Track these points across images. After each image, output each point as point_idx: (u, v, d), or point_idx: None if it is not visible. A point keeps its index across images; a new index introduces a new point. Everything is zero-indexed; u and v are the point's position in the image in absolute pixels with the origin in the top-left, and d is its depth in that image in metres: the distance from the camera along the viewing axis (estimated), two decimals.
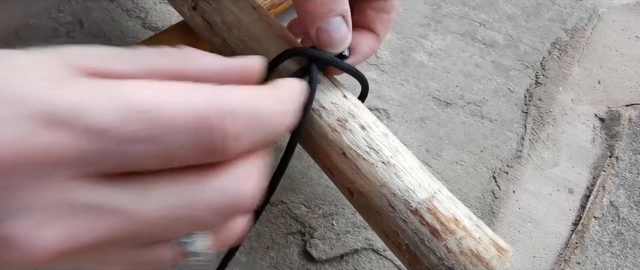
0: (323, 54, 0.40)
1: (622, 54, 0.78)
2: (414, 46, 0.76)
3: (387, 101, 0.69)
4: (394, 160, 0.39)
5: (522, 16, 0.81)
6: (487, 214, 0.61)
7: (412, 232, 0.37)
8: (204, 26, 0.52)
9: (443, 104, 0.70)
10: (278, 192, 0.60)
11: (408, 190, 0.38)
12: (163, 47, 0.26)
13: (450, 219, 0.37)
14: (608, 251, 0.58)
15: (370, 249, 0.57)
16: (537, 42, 0.78)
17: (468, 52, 0.76)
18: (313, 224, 0.58)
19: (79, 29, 0.75)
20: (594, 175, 0.65)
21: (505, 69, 0.74)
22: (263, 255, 0.56)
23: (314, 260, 0.55)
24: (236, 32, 0.48)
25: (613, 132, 0.68)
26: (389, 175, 0.39)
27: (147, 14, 0.78)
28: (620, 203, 0.61)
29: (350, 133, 0.41)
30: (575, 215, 0.61)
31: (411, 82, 0.72)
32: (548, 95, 0.72)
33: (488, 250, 0.35)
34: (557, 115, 0.70)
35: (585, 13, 0.83)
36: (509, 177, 0.64)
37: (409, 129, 0.67)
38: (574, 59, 0.77)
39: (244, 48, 0.47)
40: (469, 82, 0.72)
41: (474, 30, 0.79)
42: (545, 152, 0.67)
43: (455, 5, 0.82)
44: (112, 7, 0.78)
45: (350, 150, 0.40)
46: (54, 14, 0.77)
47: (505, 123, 0.69)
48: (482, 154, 0.66)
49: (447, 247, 0.36)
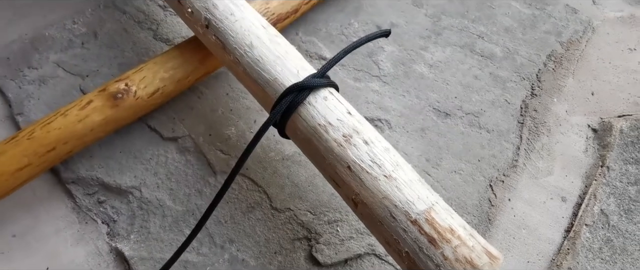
0: (308, 81, 0.47)
1: (616, 65, 0.81)
2: (415, 58, 0.79)
3: (389, 112, 0.72)
4: (395, 174, 0.42)
5: (519, 29, 0.84)
6: (483, 221, 0.64)
7: (411, 241, 0.40)
8: (217, 44, 0.55)
9: (442, 114, 0.73)
10: (285, 199, 0.63)
11: (408, 202, 0.41)
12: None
13: (446, 228, 0.40)
14: (598, 257, 0.61)
15: (372, 254, 0.60)
16: (533, 54, 0.81)
17: (467, 64, 0.79)
18: (318, 230, 0.61)
19: (93, 40, 0.78)
20: (586, 184, 0.68)
21: (502, 81, 0.77)
22: (271, 260, 0.59)
23: (320, 264, 0.58)
24: (248, 52, 0.51)
25: (605, 142, 0.71)
26: (391, 188, 0.42)
27: (158, 26, 0.81)
28: (611, 211, 0.64)
29: (355, 148, 0.44)
30: (567, 223, 0.64)
31: (412, 93, 0.75)
32: (543, 107, 0.75)
33: (480, 258, 0.38)
34: (552, 126, 0.73)
35: (580, 26, 0.86)
36: (505, 185, 0.67)
37: (410, 139, 0.70)
38: (568, 71, 0.80)
39: (256, 68, 0.50)
40: (467, 93, 0.75)
41: (473, 42, 0.82)
42: (539, 161, 0.70)
43: (455, 18, 0.85)
44: (125, 18, 0.81)
45: (354, 164, 0.43)
46: (68, 25, 0.80)
47: (501, 133, 0.72)
48: (480, 163, 0.69)
49: (443, 254, 0.39)
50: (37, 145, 0.55)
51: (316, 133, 0.46)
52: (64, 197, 0.64)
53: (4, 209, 0.62)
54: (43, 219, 0.62)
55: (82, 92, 0.72)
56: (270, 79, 0.49)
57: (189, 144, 0.68)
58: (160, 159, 0.66)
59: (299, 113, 0.47)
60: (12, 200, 0.62)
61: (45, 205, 0.63)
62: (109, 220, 0.62)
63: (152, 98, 0.62)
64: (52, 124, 0.56)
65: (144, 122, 0.69)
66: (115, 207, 0.63)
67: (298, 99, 0.46)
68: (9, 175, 0.54)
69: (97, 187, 0.64)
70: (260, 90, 0.51)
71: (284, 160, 0.66)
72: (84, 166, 0.65)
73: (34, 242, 0.61)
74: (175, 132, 0.69)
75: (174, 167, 0.66)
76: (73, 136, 0.57)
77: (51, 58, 0.75)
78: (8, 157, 0.54)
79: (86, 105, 0.58)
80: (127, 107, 0.60)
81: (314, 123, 0.46)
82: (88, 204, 0.63)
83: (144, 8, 0.83)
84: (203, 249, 0.60)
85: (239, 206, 0.63)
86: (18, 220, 0.62)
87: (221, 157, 0.67)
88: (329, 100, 0.47)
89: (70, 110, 0.58)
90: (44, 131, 0.56)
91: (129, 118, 0.62)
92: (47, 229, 0.62)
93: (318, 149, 0.46)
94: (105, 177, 0.64)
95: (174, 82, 0.63)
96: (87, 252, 0.60)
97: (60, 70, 0.74)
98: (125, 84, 0.61)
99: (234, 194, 0.64)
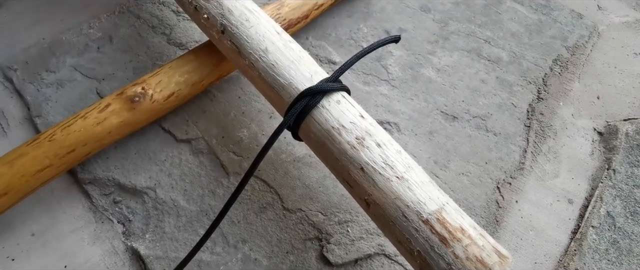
0: (322, 85, 0.48)
1: (621, 70, 0.82)
2: (423, 62, 0.80)
3: (398, 115, 0.74)
4: (407, 175, 0.44)
5: (526, 34, 0.86)
6: (491, 223, 0.65)
7: (423, 240, 0.42)
8: (232, 49, 0.56)
9: (450, 117, 0.74)
10: (297, 200, 0.65)
11: (420, 203, 0.42)
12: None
13: (457, 228, 0.41)
14: (604, 258, 0.62)
15: (382, 254, 0.61)
16: (539, 59, 0.82)
17: (474, 68, 0.80)
18: (329, 231, 0.62)
19: (109, 45, 0.80)
20: (592, 186, 0.69)
21: (509, 85, 0.79)
22: (283, 259, 0.60)
23: (331, 264, 0.60)
24: (263, 57, 0.53)
25: (611, 145, 0.72)
26: (403, 189, 0.43)
27: (171, 31, 0.83)
28: (617, 213, 0.65)
29: (368, 150, 0.45)
30: (574, 224, 0.65)
31: (420, 97, 0.76)
32: (549, 110, 0.76)
33: (491, 257, 0.40)
34: (558, 129, 0.74)
35: (585, 31, 0.87)
36: (512, 187, 0.68)
37: (419, 142, 0.72)
38: (574, 75, 0.81)
39: (271, 72, 0.52)
40: (474, 97, 0.77)
41: (480, 47, 0.83)
42: (546, 164, 0.71)
43: (462, 23, 0.86)
44: (139, 23, 0.84)
45: (367, 166, 0.45)
46: (85, 30, 0.83)
47: (508, 136, 0.73)
48: (487, 165, 0.70)
49: (454, 253, 0.40)
50: (57, 147, 0.57)
51: (330, 136, 0.47)
52: (81, 197, 0.66)
53: (24, 208, 0.63)
54: (61, 218, 0.64)
55: (99, 95, 0.73)
56: (285, 83, 0.51)
57: (202, 146, 0.69)
58: (175, 160, 0.68)
59: (313, 116, 0.49)
60: (31, 200, 0.64)
61: (63, 205, 0.65)
62: (125, 220, 0.64)
63: (167, 101, 0.64)
64: (72, 127, 0.58)
65: (159, 124, 0.71)
66: (131, 207, 0.65)
67: (312, 102, 0.48)
68: (30, 176, 0.56)
69: (113, 188, 0.66)
70: (274, 93, 0.52)
71: (295, 161, 0.68)
72: (100, 167, 0.67)
73: (52, 241, 0.62)
74: (188, 134, 0.70)
75: (188, 168, 0.67)
76: (92, 138, 0.59)
77: (68, 62, 0.77)
78: (30, 159, 0.56)
79: (105, 108, 0.60)
80: (144, 110, 0.62)
81: (328, 126, 0.48)
82: (104, 204, 0.65)
83: (158, 13, 0.85)
84: (217, 249, 0.61)
85: (252, 207, 0.64)
86: (37, 220, 0.63)
87: (234, 158, 0.68)
88: (342, 104, 0.49)
89: (90, 113, 0.60)
90: (64, 133, 0.58)
91: (145, 121, 0.64)
92: (64, 228, 0.63)
93: (331, 151, 0.47)
94: (121, 177, 0.66)
95: (188, 85, 0.65)
96: (104, 251, 0.62)
97: (77, 73, 0.76)
98: (142, 88, 0.62)
99: (246, 195, 0.65)
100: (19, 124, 0.72)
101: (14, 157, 0.56)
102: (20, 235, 0.62)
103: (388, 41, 0.55)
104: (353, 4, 0.87)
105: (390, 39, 0.55)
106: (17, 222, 0.63)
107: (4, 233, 0.62)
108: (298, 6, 0.73)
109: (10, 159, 0.56)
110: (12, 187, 0.55)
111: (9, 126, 0.72)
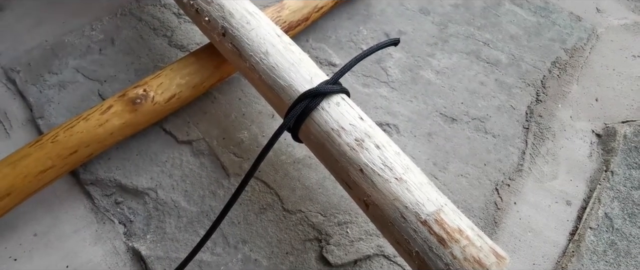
0: (322, 88, 0.49)
1: (619, 72, 0.83)
2: (422, 65, 0.81)
3: (397, 117, 0.74)
4: (405, 176, 0.44)
5: (524, 36, 0.86)
6: (490, 224, 0.66)
7: (421, 241, 0.42)
8: (233, 51, 0.57)
9: (449, 119, 0.75)
10: (297, 201, 0.65)
11: (418, 204, 0.43)
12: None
13: (455, 229, 0.42)
14: (602, 259, 0.62)
15: (381, 255, 0.61)
16: (538, 61, 0.83)
17: (473, 70, 0.81)
18: (329, 232, 0.63)
19: (111, 47, 0.81)
20: (590, 188, 0.69)
21: (507, 87, 0.79)
22: (283, 260, 0.61)
23: (330, 265, 0.60)
24: (264, 59, 0.53)
25: (609, 147, 0.72)
26: (402, 190, 0.44)
27: (172, 33, 0.83)
28: (615, 215, 0.66)
29: (367, 152, 0.46)
30: (572, 226, 0.66)
31: (419, 99, 0.77)
32: (548, 112, 0.77)
33: (488, 258, 0.40)
34: (557, 131, 0.75)
35: (584, 33, 0.88)
36: (510, 189, 0.69)
37: (418, 143, 0.72)
38: (573, 77, 0.81)
39: (271, 75, 0.52)
40: (473, 99, 0.77)
41: (479, 49, 0.84)
42: (545, 166, 0.71)
43: (461, 26, 0.87)
44: (140, 26, 0.84)
45: (366, 167, 0.45)
46: (87, 32, 0.83)
47: (507, 138, 0.73)
48: (486, 167, 0.70)
49: (452, 254, 0.41)
50: (60, 148, 0.58)
51: (329, 137, 0.48)
52: (82, 198, 0.66)
53: (27, 209, 0.64)
54: (63, 219, 0.65)
55: (101, 97, 0.74)
56: (285, 85, 0.51)
57: (203, 147, 0.70)
58: (176, 161, 0.69)
59: (313, 118, 0.49)
60: (34, 200, 0.64)
61: (65, 205, 0.66)
62: (126, 220, 0.64)
63: (168, 103, 0.65)
64: (74, 128, 0.59)
65: (160, 126, 0.72)
66: (132, 207, 0.65)
67: (312, 104, 0.48)
68: (33, 177, 0.57)
69: (115, 189, 0.66)
70: (275, 95, 0.53)
71: (294, 163, 0.68)
72: (102, 168, 0.67)
73: (54, 241, 0.63)
74: (189, 135, 0.71)
75: (189, 169, 0.68)
76: (94, 139, 0.60)
77: (70, 64, 0.78)
78: (33, 160, 0.57)
79: (107, 110, 0.61)
80: (145, 112, 0.63)
81: (327, 128, 0.48)
82: (106, 204, 0.65)
83: (159, 15, 0.85)
84: (217, 249, 0.62)
85: (252, 208, 0.65)
86: (39, 220, 0.64)
87: (234, 160, 0.69)
88: (342, 106, 0.49)
89: (92, 115, 0.60)
90: (67, 135, 0.58)
91: (147, 122, 0.65)
92: (66, 229, 0.64)
93: (331, 152, 0.48)
94: (122, 178, 0.67)
95: (189, 87, 0.66)
96: (105, 251, 0.62)
97: (79, 75, 0.77)
98: (144, 90, 0.63)
99: (246, 196, 0.66)
100: (22, 125, 0.72)
101: (17, 158, 0.57)
102: (22, 236, 0.62)
103: (387, 44, 0.56)
104: (353, 6, 0.88)
105: (389, 42, 0.56)
106: (19, 223, 0.63)
107: (7, 233, 0.62)
108: (298, 9, 0.74)
109: (13, 160, 0.56)
110: (15, 188, 0.56)
111: (12, 127, 0.72)
